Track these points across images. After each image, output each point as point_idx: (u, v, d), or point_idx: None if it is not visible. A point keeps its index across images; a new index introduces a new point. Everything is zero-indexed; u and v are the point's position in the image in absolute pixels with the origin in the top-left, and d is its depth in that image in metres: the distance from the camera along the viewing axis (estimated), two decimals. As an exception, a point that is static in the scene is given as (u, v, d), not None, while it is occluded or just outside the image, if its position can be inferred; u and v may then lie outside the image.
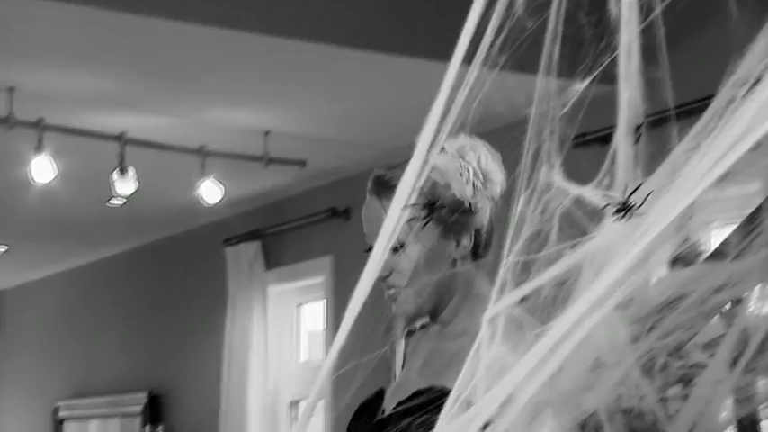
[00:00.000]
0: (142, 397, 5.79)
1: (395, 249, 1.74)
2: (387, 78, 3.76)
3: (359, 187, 4.57)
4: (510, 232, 0.88)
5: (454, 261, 1.77)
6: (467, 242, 1.76)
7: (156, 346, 5.92)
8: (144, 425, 5.73)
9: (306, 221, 4.83)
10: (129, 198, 4.38)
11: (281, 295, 5.15)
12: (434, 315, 1.83)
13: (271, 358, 4.99)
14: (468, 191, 1.71)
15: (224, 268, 5.23)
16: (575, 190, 0.86)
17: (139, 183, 4.12)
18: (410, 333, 1.97)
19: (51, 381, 6.80)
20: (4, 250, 6.27)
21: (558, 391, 0.87)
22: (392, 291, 1.78)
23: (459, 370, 1.80)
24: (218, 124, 4.12)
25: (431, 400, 1.65)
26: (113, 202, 4.84)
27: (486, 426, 0.98)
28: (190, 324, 5.59)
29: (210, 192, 4.38)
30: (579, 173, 0.88)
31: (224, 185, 4.36)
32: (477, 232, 1.77)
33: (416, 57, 3.29)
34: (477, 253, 1.80)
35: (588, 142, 2.29)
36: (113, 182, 4.08)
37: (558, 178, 0.87)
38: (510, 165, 0.88)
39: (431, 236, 1.73)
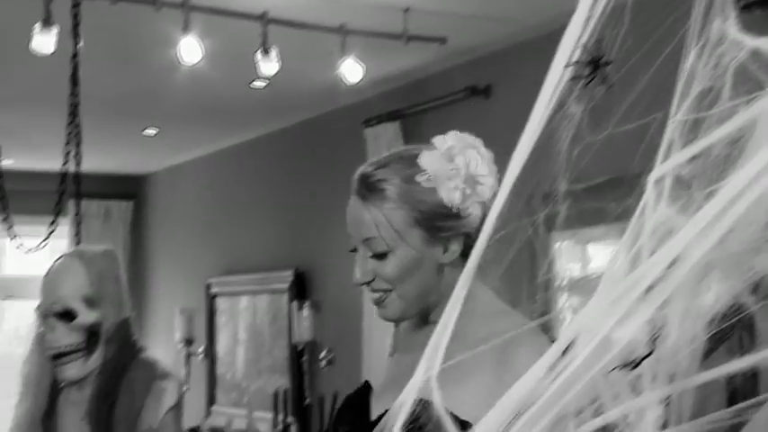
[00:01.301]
0: (288, 274, 5.95)
1: (378, 256, 1.67)
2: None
3: (499, 64, 4.53)
4: (678, 89, 0.84)
5: (441, 266, 1.68)
6: (456, 247, 1.68)
7: (301, 225, 6.04)
8: (291, 301, 5.90)
9: (445, 100, 4.79)
10: (271, 79, 4.43)
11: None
12: (423, 317, 1.76)
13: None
14: (457, 197, 1.64)
15: (364, 150, 5.25)
16: (751, 42, 0.81)
17: (282, 63, 4.16)
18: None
19: (203, 258, 7.03)
20: (154, 133, 6.44)
21: (729, 253, 0.84)
22: (376, 295, 1.72)
23: (444, 385, 1.75)
24: (358, 2, 4.09)
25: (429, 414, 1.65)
26: (257, 83, 4.91)
27: (650, 288, 0.96)
28: (333, 204, 5.68)
29: (351, 71, 4.38)
30: (756, 23, 0.82)
31: (364, 65, 4.36)
32: (467, 236, 1.67)
33: None
34: (467, 256, 1.75)
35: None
36: (257, 62, 4.12)
37: (733, 30, 0.82)
38: (680, 16, 0.83)
39: (415, 241, 1.66)
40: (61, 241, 6.39)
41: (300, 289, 5.87)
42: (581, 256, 3.93)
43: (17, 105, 4.35)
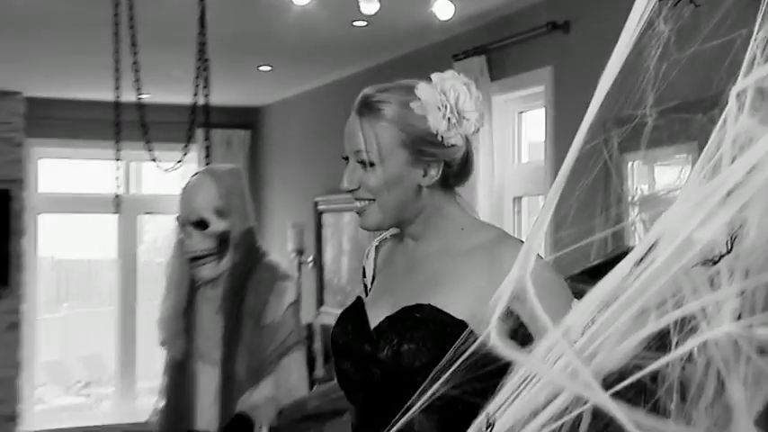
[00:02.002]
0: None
1: (365, 167, 1.67)
2: None
3: (578, 1, 4.39)
4: (763, 6, 0.80)
5: (420, 187, 1.66)
6: (434, 172, 1.66)
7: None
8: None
9: (527, 35, 4.69)
10: (371, 18, 4.40)
11: (505, 104, 5.10)
12: (401, 228, 1.73)
13: (495, 160, 5.00)
14: (443, 125, 1.62)
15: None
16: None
17: (381, 3, 4.13)
18: (379, 245, 1.88)
19: (311, 179, 7.10)
20: (269, 69, 6.47)
21: (807, 158, 0.81)
22: (360, 204, 1.71)
23: (439, 290, 1.66)
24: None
25: (424, 318, 1.61)
26: (358, 22, 4.88)
27: (729, 193, 0.93)
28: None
29: (443, 9, 4.34)
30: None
31: (454, 3, 4.31)
32: (447, 164, 1.66)
33: None
34: (447, 183, 1.70)
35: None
36: (359, 2, 4.10)
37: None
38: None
39: (398, 160, 1.64)
40: (191, 165, 6.51)
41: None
42: (650, 176, 3.86)
43: (153, 46, 4.40)
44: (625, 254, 1.07)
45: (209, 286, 2.65)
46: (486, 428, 0.96)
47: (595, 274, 1.09)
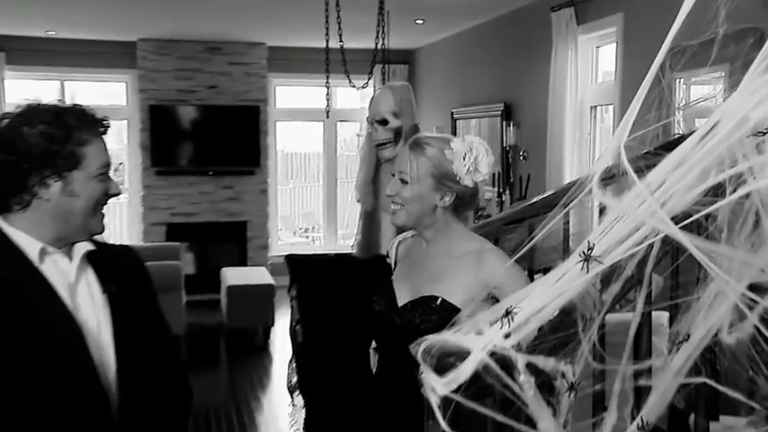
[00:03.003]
0: (500, 105, 5.83)
1: (403, 182, 1.61)
2: None
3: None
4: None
5: (435, 207, 1.60)
6: (448, 199, 1.59)
7: (509, 75, 5.85)
8: (502, 121, 5.80)
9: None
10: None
11: (587, 41, 4.81)
12: (419, 231, 1.66)
13: (579, 81, 4.77)
14: (463, 170, 1.56)
15: (550, 26, 4.94)
16: None
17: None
18: (400, 242, 1.78)
19: (449, 96, 7.00)
20: (421, 23, 6.32)
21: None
22: (394, 207, 1.64)
23: (444, 282, 1.62)
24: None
25: (437, 307, 1.57)
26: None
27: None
28: (531, 60, 5.45)
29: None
30: None
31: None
32: (459, 196, 1.60)
33: None
34: (456, 209, 1.63)
35: None
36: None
37: None
38: None
39: (426, 185, 1.59)
40: (369, 90, 6.52)
41: (507, 114, 5.75)
42: (687, 90, 3.58)
43: (348, 6, 4.36)
44: (679, 141, 1.02)
45: (388, 163, 2.66)
46: (505, 315, 0.94)
47: (662, 151, 1.05)
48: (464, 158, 1.58)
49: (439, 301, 1.58)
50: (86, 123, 1.24)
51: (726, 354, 0.92)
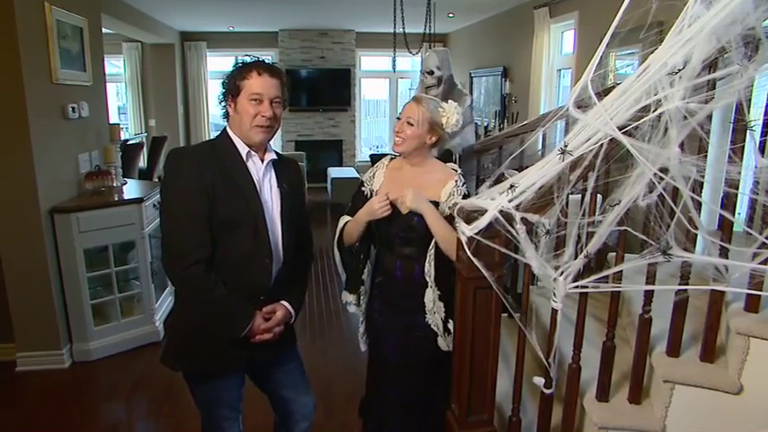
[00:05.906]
0: (500, 68, 5.39)
1: (409, 123, 1.45)
2: None
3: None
4: None
5: (425, 143, 1.48)
6: (434, 139, 1.47)
7: (506, 49, 5.46)
8: (501, 79, 5.37)
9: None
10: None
11: (556, 27, 4.40)
12: (410, 157, 1.50)
13: (551, 53, 4.44)
14: (445, 122, 1.46)
15: (533, 19, 4.53)
16: None
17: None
18: (387, 164, 1.58)
19: (468, 63, 6.48)
20: (453, 16, 5.86)
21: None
22: (398, 139, 1.48)
23: (427, 191, 1.47)
24: None
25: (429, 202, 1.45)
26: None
27: (685, 42, 0.83)
28: (521, 40, 5.07)
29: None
30: None
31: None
32: (439, 138, 1.49)
33: None
34: (435, 145, 1.50)
35: None
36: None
37: None
38: None
39: (423, 128, 1.44)
40: (418, 58, 6.12)
41: (505, 73, 5.36)
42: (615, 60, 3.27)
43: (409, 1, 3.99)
44: (611, 88, 0.97)
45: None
46: (510, 188, 0.95)
47: (607, 91, 1.01)
48: (453, 116, 1.50)
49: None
50: (247, 66, 1.25)
51: (639, 212, 0.94)
